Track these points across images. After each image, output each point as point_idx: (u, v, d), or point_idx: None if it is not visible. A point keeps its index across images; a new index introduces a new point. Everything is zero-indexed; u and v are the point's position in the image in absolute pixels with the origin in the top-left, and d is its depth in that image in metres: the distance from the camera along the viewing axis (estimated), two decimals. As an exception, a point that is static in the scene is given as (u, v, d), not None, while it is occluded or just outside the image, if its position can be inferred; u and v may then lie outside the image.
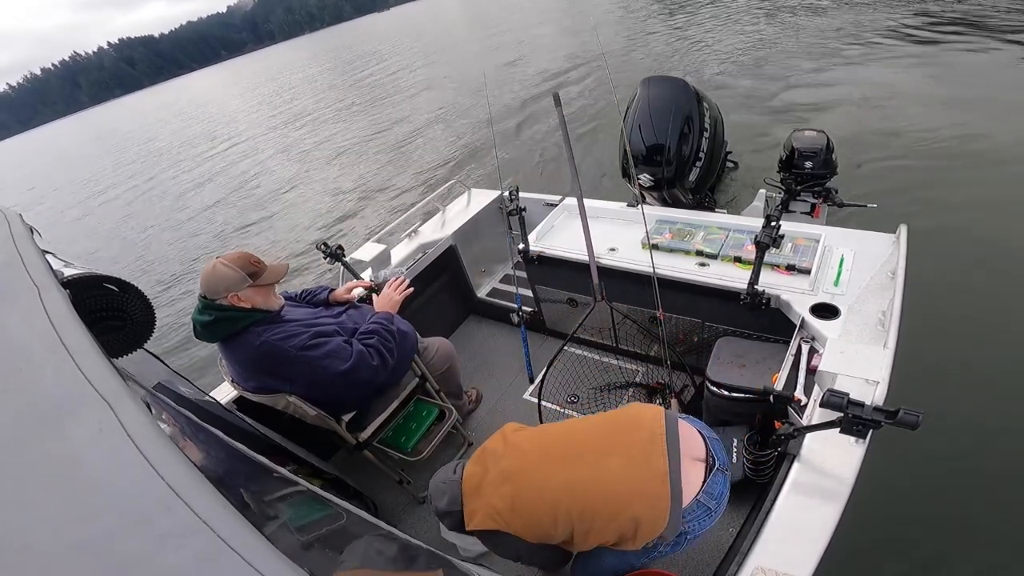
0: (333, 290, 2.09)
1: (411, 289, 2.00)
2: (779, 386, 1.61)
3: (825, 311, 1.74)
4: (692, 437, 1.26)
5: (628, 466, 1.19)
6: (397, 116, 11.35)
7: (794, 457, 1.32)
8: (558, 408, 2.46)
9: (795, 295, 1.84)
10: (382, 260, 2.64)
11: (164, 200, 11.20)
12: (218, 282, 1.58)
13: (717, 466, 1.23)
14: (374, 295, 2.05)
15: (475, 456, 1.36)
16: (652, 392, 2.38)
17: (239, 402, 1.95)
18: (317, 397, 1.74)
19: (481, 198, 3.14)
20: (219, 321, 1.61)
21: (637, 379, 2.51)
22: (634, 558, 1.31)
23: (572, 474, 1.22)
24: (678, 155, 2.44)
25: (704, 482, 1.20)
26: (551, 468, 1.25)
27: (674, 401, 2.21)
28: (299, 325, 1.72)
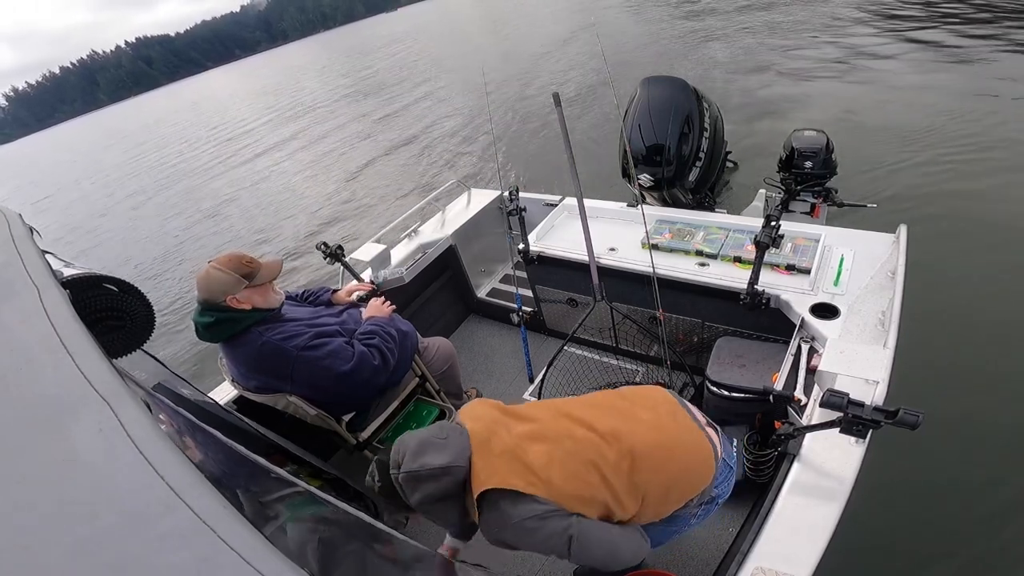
0: (336, 291, 2.09)
1: (393, 307, 2.01)
2: (779, 386, 1.61)
3: (825, 311, 1.74)
4: (696, 410, 1.36)
5: (659, 419, 1.24)
6: (398, 116, 11.34)
7: (794, 457, 1.33)
8: None
9: (795, 295, 1.84)
10: (382, 260, 2.64)
11: (165, 200, 11.20)
12: (214, 287, 1.58)
13: (722, 430, 1.34)
14: (363, 306, 2.05)
15: (469, 416, 1.22)
16: (652, 392, 2.38)
17: (239, 402, 1.95)
18: (318, 397, 1.74)
19: (481, 198, 3.14)
20: (220, 323, 1.61)
21: (637, 379, 2.51)
22: (664, 535, 1.32)
23: (610, 424, 1.18)
24: (678, 155, 2.44)
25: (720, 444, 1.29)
26: (583, 426, 1.18)
27: None
28: (300, 325, 1.72)
